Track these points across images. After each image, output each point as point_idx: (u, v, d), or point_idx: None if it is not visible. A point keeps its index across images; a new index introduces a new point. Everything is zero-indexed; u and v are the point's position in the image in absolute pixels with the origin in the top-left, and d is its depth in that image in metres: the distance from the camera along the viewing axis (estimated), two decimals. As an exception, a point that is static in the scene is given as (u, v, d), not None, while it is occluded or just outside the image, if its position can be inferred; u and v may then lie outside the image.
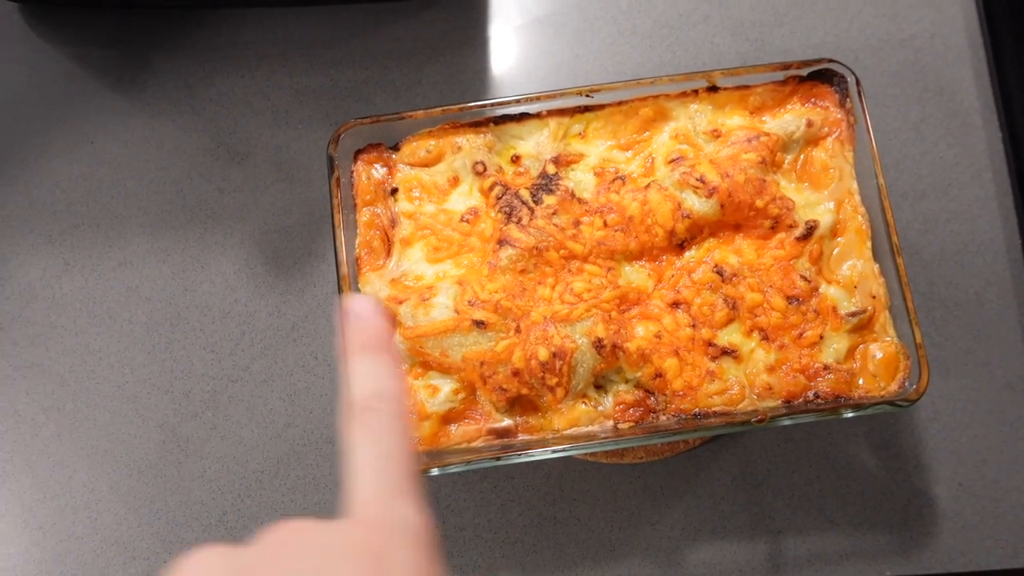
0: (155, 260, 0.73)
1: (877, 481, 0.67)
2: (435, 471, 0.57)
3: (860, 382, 0.59)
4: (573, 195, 0.62)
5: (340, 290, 0.60)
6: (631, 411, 0.59)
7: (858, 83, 0.62)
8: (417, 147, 0.64)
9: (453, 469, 0.57)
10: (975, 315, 0.70)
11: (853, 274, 0.61)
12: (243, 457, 0.69)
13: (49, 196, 0.74)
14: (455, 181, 0.63)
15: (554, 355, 0.57)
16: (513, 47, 0.77)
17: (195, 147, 0.75)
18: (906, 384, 0.58)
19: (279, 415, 0.70)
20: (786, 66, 0.62)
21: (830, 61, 0.62)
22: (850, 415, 0.57)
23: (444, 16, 0.77)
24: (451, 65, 0.76)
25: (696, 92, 0.63)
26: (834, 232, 0.62)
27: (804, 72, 0.63)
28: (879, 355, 0.59)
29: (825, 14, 0.76)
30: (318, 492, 0.68)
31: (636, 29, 0.77)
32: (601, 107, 0.64)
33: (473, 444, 0.59)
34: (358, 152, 0.64)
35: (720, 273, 0.60)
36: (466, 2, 0.77)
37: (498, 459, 0.57)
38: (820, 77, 0.63)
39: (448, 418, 0.60)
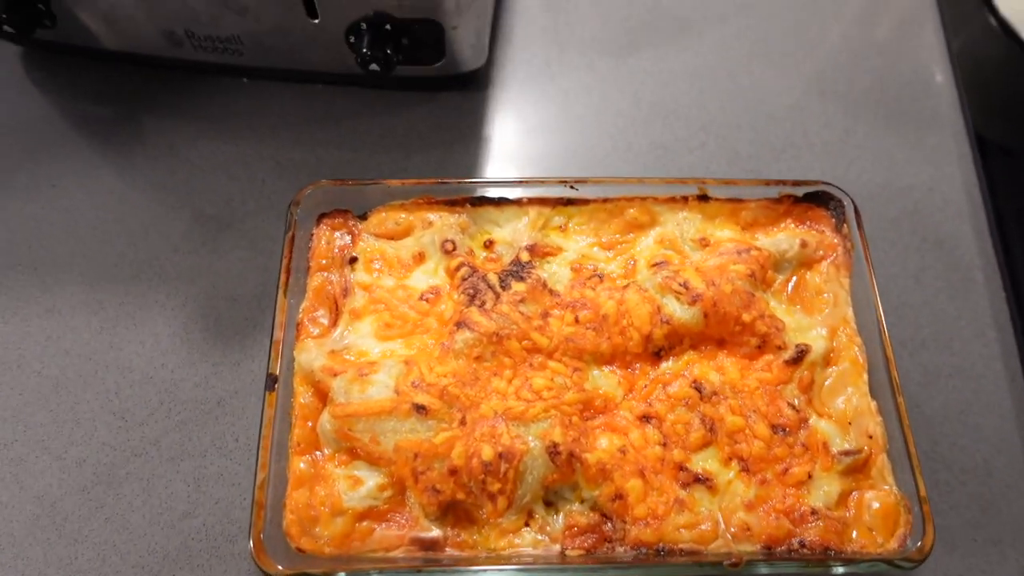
0: (86, 311, 0.67)
1: (872, 672, 0.56)
2: (340, 577, 0.47)
3: (853, 535, 0.50)
4: (545, 285, 0.57)
5: (270, 356, 0.53)
6: (583, 537, 0.50)
7: (856, 209, 0.59)
8: (386, 218, 0.60)
9: (362, 579, 0.47)
10: (983, 484, 0.62)
11: (848, 408, 0.54)
12: (124, 547, 0.58)
13: (-8, 232, 0.70)
14: (420, 258, 0.59)
15: (500, 456, 0.49)
16: (505, 151, 0.76)
17: (160, 204, 0.72)
18: (907, 542, 0.49)
19: (179, 501, 0.60)
20: (781, 183, 0.60)
21: (826, 184, 0.60)
22: (841, 570, 0.47)
23: (439, 111, 0.77)
24: (440, 159, 0.75)
25: (686, 199, 0.60)
26: (827, 360, 0.56)
27: (799, 192, 0.60)
28: (876, 505, 0.51)
29: (822, 154, 0.75)
30: (203, 603, 0.57)
31: (631, 146, 0.76)
32: (585, 202, 0.60)
33: (392, 554, 0.50)
34: (322, 216, 0.60)
35: (699, 389, 0.54)
36: (463, 101, 0.77)
37: (419, 572, 0.47)
38: (815, 200, 0.60)
39: (367, 518, 0.50)
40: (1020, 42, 0.78)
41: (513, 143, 0.76)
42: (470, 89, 0.78)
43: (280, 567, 0.47)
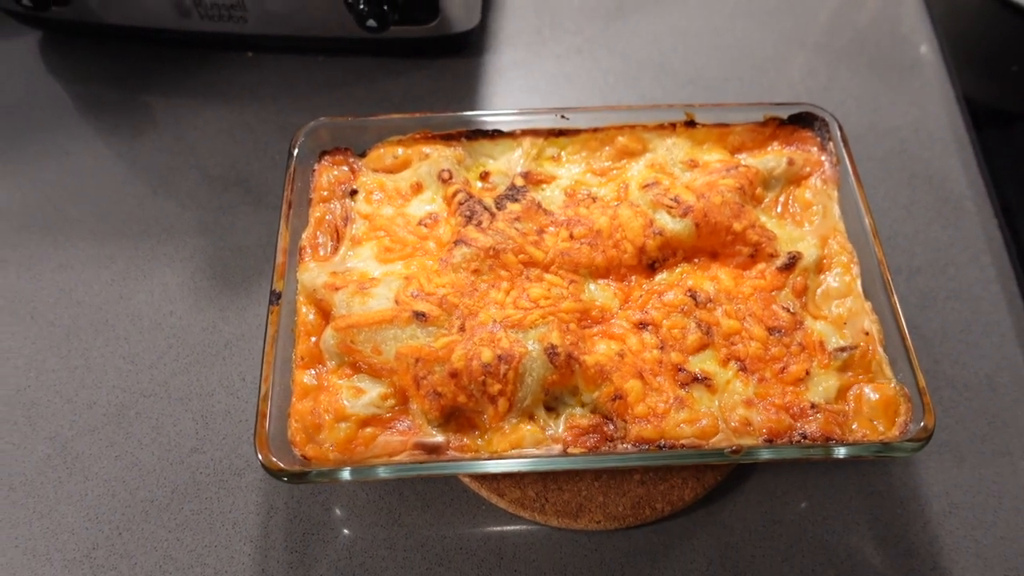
0: (96, 265, 0.68)
1: (886, 583, 0.55)
2: (347, 474, 0.47)
3: (854, 426, 0.50)
4: (539, 206, 0.58)
5: (273, 276, 0.55)
6: (585, 438, 0.50)
7: (840, 127, 0.60)
8: (384, 153, 0.62)
9: (370, 474, 0.47)
10: (988, 399, 0.62)
11: (842, 310, 0.54)
12: (134, 482, 0.59)
13: (6, 197, 0.72)
14: (418, 187, 0.60)
15: (499, 358, 0.50)
16: (500, 110, 0.78)
17: (168, 167, 0.74)
18: (908, 428, 0.49)
19: (187, 438, 0.61)
20: (767, 105, 0.62)
21: (810, 105, 0.61)
22: (843, 453, 0.47)
23: (436, 76, 0.79)
24: (437, 119, 0.77)
25: (674, 126, 0.62)
26: (819, 268, 0.57)
27: (784, 114, 0.62)
28: (875, 396, 0.51)
29: (808, 102, 0.77)
30: (212, 532, 0.57)
31: (621, 101, 0.78)
32: (577, 132, 0.62)
33: (396, 459, 0.50)
34: (323, 153, 0.62)
35: (694, 297, 0.55)
36: (458, 66, 0.80)
37: (422, 464, 0.47)
38: (800, 122, 0.62)
39: (371, 425, 0.51)
40: (995, -11, 0.80)
41: (508, 105, 0.79)
42: (464, 55, 0.81)
43: (284, 466, 0.47)
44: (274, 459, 0.47)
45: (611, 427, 0.51)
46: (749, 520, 0.58)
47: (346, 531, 0.57)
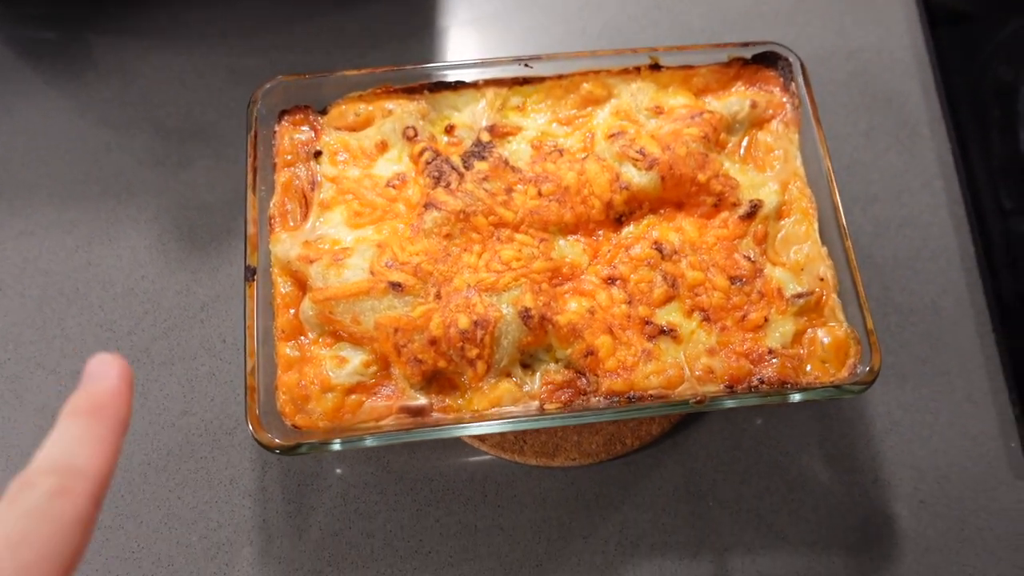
0: (59, 231, 0.67)
1: (832, 496, 0.61)
2: (337, 444, 0.50)
3: (808, 368, 0.54)
4: (507, 163, 0.58)
5: (246, 250, 0.55)
6: (560, 392, 0.54)
7: (803, 66, 0.60)
8: (346, 111, 0.61)
9: (359, 443, 0.50)
10: (931, 323, 0.67)
11: (800, 256, 0.57)
12: (128, 448, 0.61)
13: (-47, 161, 0.69)
14: (383, 146, 0.60)
15: (476, 324, 0.52)
16: (460, 42, 0.76)
17: (119, 120, 0.71)
18: (857, 369, 0.53)
19: (175, 401, 0.63)
20: (730, 46, 0.61)
21: (774, 44, 0.61)
22: (798, 398, 0.52)
23: (391, 8, 0.76)
24: (396, 55, 0.75)
25: (639, 70, 0.61)
26: (779, 214, 0.59)
27: (748, 54, 0.61)
28: (827, 340, 0.54)
29: (773, 24, 0.76)
30: (210, 488, 0.60)
31: (586, 30, 0.76)
32: (541, 80, 0.61)
33: (383, 423, 0.53)
34: (283, 113, 0.60)
35: (660, 250, 0.56)
36: (414, -5, 0.76)
37: (408, 431, 0.50)
38: (764, 61, 0.62)
39: (356, 392, 0.53)
40: None
41: (469, 33, 0.76)
42: (419, -21, 0.78)
43: (277, 440, 0.50)
44: (268, 435, 0.50)
45: (584, 381, 0.54)
46: (711, 447, 0.63)
47: (339, 479, 0.61)
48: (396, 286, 0.53)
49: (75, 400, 0.30)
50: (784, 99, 0.61)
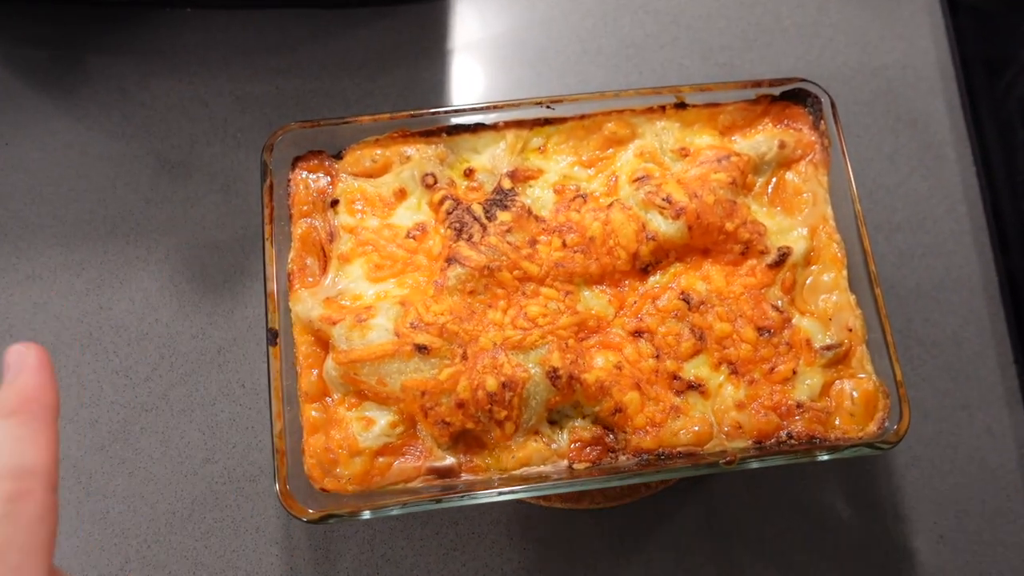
0: (68, 274, 0.66)
1: (853, 532, 0.62)
2: (367, 514, 0.50)
3: (836, 422, 0.54)
4: (530, 212, 0.57)
5: (267, 309, 0.54)
6: (588, 450, 0.53)
7: (832, 105, 0.59)
8: (362, 156, 0.59)
9: (388, 512, 0.50)
10: (953, 355, 0.66)
11: (828, 305, 0.56)
12: (153, 496, 0.61)
13: (-47, 200, 0.67)
14: (402, 194, 0.58)
15: (504, 385, 0.52)
16: (472, 61, 0.73)
17: (123, 154, 0.69)
18: (886, 424, 0.53)
19: (197, 449, 0.62)
20: (758, 83, 0.59)
21: (803, 81, 0.59)
22: (825, 457, 0.52)
23: (399, 26, 0.73)
24: (405, 77, 0.72)
25: (663, 108, 0.60)
26: (808, 260, 0.57)
27: (776, 91, 0.59)
28: (856, 393, 0.54)
29: (796, 41, 0.74)
30: (237, 537, 0.60)
31: (602, 49, 0.74)
32: (563, 120, 0.59)
33: (411, 484, 0.53)
34: (297, 159, 0.58)
35: (687, 301, 0.56)
36: (423, 13, 0.73)
37: (438, 501, 0.50)
38: (793, 98, 0.60)
39: (384, 454, 0.53)
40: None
41: (480, 54, 0.74)
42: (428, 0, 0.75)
43: (309, 510, 0.50)
44: (299, 505, 0.50)
45: (612, 438, 0.54)
46: (732, 486, 0.63)
47: (365, 525, 0.61)
48: (422, 349, 0.52)
49: (3, 400, 0.31)
50: (813, 138, 0.59)
